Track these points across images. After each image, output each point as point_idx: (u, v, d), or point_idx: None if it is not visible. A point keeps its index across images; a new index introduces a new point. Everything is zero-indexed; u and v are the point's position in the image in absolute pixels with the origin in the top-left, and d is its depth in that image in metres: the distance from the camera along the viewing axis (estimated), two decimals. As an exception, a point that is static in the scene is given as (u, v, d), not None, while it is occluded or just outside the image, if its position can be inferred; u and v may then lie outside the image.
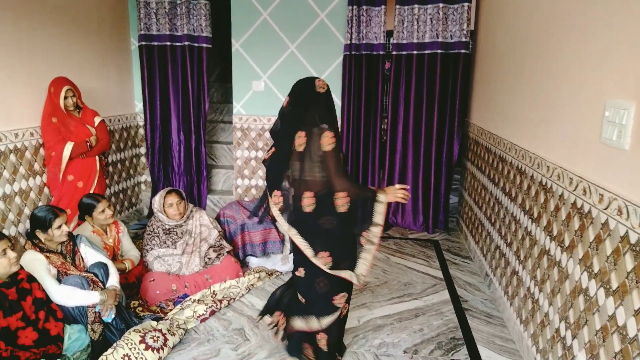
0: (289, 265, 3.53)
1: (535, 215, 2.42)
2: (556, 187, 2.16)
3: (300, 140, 2.06)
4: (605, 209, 1.70)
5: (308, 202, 2.08)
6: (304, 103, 2.10)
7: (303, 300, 2.28)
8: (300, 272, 2.25)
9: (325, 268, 2.13)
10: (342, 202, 2.06)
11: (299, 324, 2.29)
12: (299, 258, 2.23)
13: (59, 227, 2.52)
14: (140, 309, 2.87)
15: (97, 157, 3.52)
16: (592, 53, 1.90)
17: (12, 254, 2.12)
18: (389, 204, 4.53)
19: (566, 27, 2.17)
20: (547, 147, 2.33)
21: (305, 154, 2.06)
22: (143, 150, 4.84)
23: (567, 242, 2.02)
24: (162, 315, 2.80)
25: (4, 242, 2.10)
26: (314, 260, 2.13)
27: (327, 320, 2.25)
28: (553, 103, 2.28)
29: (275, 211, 2.16)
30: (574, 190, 1.96)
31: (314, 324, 2.25)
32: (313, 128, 2.07)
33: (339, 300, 2.24)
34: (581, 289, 1.87)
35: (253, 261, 3.59)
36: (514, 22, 3.05)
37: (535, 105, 2.54)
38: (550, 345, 2.14)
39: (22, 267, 2.28)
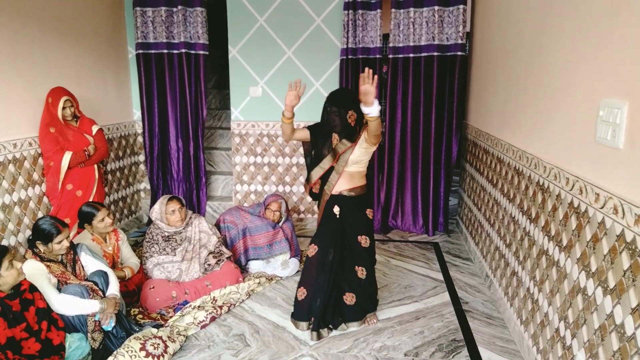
0: (289, 270, 3.53)
1: (533, 215, 2.42)
2: (553, 187, 2.17)
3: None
4: (602, 208, 1.70)
5: None
6: None
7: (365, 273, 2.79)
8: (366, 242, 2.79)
9: None
10: None
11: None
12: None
13: (60, 242, 2.54)
14: (140, 316, 2.87)
15: (95, 166, 3.53)
16: (585, 53, 1.91)
17: (18, 264, 2.15)
18: (389, 208, 4.52)
19: (559, 28, 2.18)
20: (543, 148, 2.34)
21: None
22: (142, 158, 4.85)
23: (564, 242, 2.03)
24: (163, 323, 2.80)
25: (9, 255, 2.12)
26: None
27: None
28: (548, 103, 2.29)
29: None
30: (571, 190, 1.97)
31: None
32: None
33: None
34: (579, 288, 1.87)
35: (253, 267, 3.59)
36: (509, 23, 3.07)
37: (531, 106, 2.55)
38: (551, 345, 2.14)
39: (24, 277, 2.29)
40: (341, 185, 2.73)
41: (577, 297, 1.89)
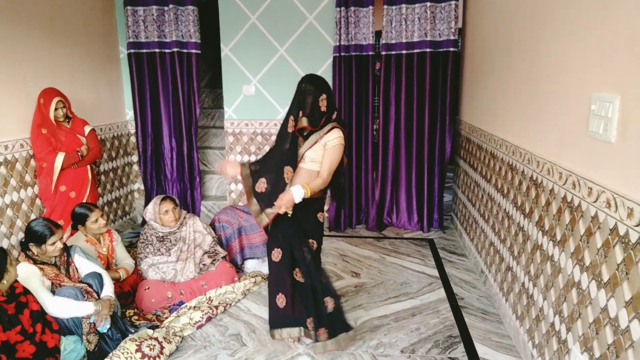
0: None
1: (527, 210, 2.43)
2: (546, 182, 2.17)
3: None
4: (595, 202, 1.71)
5: None
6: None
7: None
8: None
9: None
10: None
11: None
12: None
13: (53, 243, 2.52)
14: (135, 317, 2.86)
15: (88, 167, 3.50)
16: (576, 47, 1.91)
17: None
18: (383, 205, 4.51)
19: (550, 22, 2.18)
20: (536, 143, 2.35)
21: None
22: (135, 158, 4.82)
23: (558, 237, 2.03)
24: (158, 324, 2.79)
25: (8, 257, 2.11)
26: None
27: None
28: (540, 98, 2.29)
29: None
30: (564, 185, 1.97)
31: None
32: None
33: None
34: (574, 282, 1.88)
35: (249, 266, 3.58)
36: (500, 18, 3.07)
37: (523, 101, 2.55)
38: (546, 340, 2.15)
39: (17, 280, 2.27)
40: (297, 182, 2.44)
41: (572, 291, 1.89)
